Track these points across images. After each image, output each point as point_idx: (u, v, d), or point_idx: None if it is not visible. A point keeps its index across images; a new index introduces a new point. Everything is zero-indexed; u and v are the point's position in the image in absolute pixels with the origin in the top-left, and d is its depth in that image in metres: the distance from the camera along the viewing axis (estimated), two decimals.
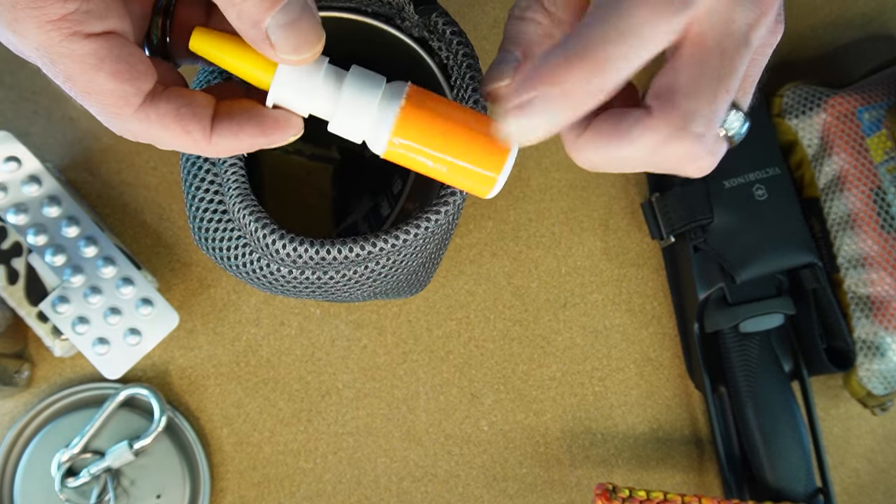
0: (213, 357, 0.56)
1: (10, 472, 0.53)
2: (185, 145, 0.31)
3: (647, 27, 0.26)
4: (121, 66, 0.29)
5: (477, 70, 0.39)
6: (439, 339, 0.58)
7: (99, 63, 0.28)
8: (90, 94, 0.29)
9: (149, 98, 0.30)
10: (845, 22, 0.63)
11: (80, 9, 0.28)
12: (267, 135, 0.31)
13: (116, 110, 0.30)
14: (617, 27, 0.26)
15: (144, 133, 0.31)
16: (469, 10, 0.60)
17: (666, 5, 0.26)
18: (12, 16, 0.27)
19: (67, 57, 0.28)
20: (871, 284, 0.54)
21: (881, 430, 0.60)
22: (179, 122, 0.30)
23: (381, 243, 0.36)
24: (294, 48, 0.28)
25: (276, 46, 0.28)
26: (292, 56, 0.28)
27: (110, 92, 0.29)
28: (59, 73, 0.29)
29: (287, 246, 0.36)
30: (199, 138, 0.31)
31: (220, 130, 0.31)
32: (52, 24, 0.27)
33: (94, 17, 0.28)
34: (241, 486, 0.56)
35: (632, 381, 0.59)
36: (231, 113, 0.31)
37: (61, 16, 0.27)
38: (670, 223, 0.56)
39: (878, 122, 0.55)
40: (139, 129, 0.30)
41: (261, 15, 0.28)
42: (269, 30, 0.28)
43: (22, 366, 0.54)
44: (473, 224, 0.59)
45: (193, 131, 0.30)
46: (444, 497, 0.57)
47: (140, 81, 0.29)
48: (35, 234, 0.51)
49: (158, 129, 0.30)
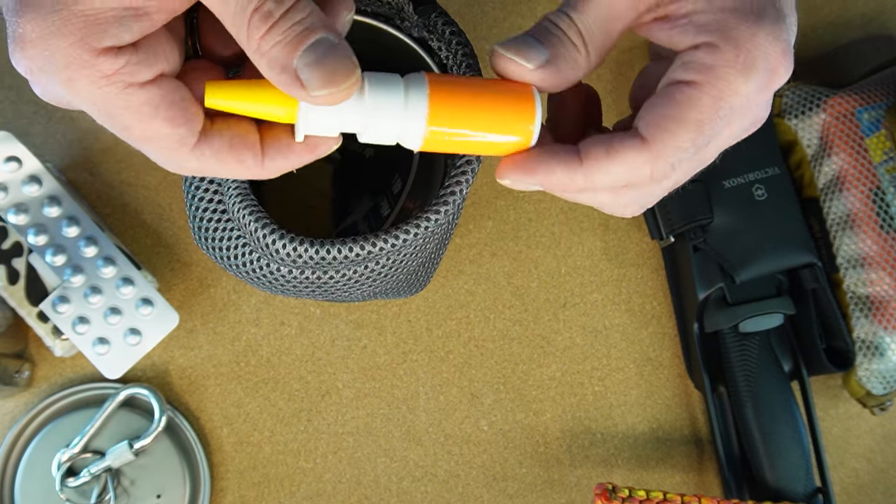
0: (213, 357, 0.56)
1: (11, 471, 0.53)
2: (240, 173, 0.32)
3: None
4: (174, 111, 0.29)
5: (476, 70, 0.39)
6: (439, 339, 0.58)
7: (154, 111, 0.29)
8: (148, 141, 0.30)
9: (202, 136, 0.31)
10: (845, 22, 0.63)
11: (130, 61, 0.28)
12: (314, 150, 0.32)
13: (174, 153, 0.30)
14: (615, 174, 0.32)
15: (200, 168, 0.31)
16: (469, 10, 0.60)
17: None
18: (65, 76, 0.28)
19: (124, 109, 0.29)
20: (870, 284, 0.54)
21: (880, 430, 0.61)
22: (233, 154, 0.31)
23: (381, 243, 0.37)
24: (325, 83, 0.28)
25: (308, 85, 0.28)
26: (324, 92, 0.28)
27: (167, 136, 0.30)
28: (115, 124, 0.30)
29: (287, 246, 0.36)
30: (252, 165, 0.31)
31: (271, 154, 0.32)
32: (106, 79, 0.28)
33: (144, 65, 0.29)
34: (241, 486, 0.56)
35: (631, 381, 0.59)
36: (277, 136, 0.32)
37: (114, 70, 0.28)
38: (670, 223, 0.56)
39: (878, 123, 0.55)
40: (195, 165, 0.31)
41: (288, 57, 0.28)
42: (298, 70, 0.28)
43: (22, 366, 0.54)
44: (473, 224, 0.59)
45: (246, 160, 0.31)
46: (444, 497, 0.57)
47: (193, 122, 0.30)
48: (35, 234, 0.51)
49: (214, 163, 0.31)
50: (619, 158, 0.31)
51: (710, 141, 0.32)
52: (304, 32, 0.28)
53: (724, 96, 0.31)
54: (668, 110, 0.31)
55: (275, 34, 0.28)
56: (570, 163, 0.32)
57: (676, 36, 0.31)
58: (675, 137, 0.31)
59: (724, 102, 0.31)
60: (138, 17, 0.28)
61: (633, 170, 0.31)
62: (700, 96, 0.31)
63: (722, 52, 0.30)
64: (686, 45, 0.31)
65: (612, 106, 0.59)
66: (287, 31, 0.28)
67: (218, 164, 0.31)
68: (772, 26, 0.30)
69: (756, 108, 0.32)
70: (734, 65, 0.30)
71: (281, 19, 0.28)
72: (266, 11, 0.27)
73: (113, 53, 0.28)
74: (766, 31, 0.30)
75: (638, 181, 0.32)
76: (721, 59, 0.30)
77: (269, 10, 0.27)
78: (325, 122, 0.31)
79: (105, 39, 0.28)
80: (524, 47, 0.31)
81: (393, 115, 0.31)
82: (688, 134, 0.31)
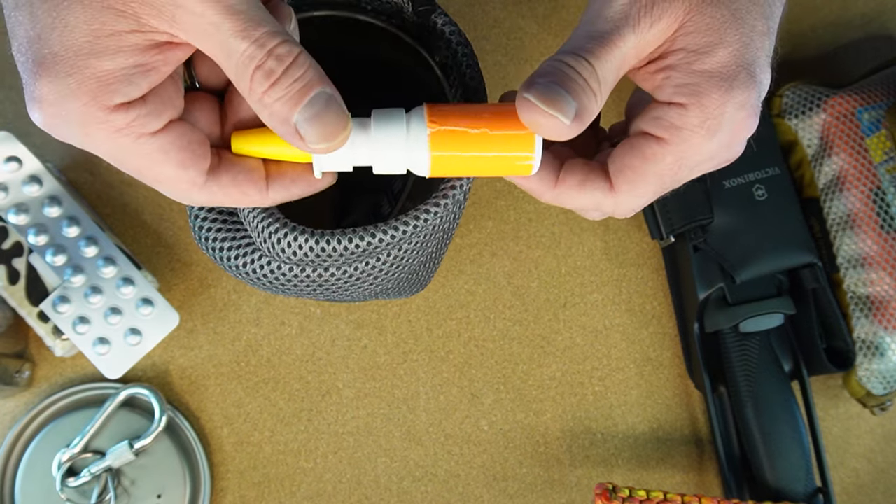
0: (214, 357, 0.56)
1: (11, 471, 0.53)
2: (245, 203, 0.35)
3: None
4: (184, 154, 0.32)
5: (476, 70, 0.39)
6: (439, 338, 0.58)
7: (165, 157, 0.31)
8: (160, 182, 0.33)
9: (211, 173, 0.33)
10: (845, 22, 0.63)
11: (140, 113, 0.30)
12: (314, 184, 0.35)
13: (184, 192, 0.33)
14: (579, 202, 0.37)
15: (209, 201, 0.34)
16: (469, 10, 0.60)
17: None
18: (82, 130, 0.30)
19: (137, 156, 0.31)
20: (870, 284, 0.54)
21: (880, 430, 0.61)
22: (238, 188, 0.34)
23: (382, 234, 0.37)
24: (321, 138, 0.30)
25: (306, 138, 0.30)
26: (321, 145, 0.31)
27: (178, 178, 0.32)
28: (129, 168, 0.32)
29: (288, 234, 0.36)
30: (257, 198, 0.34)
31: (275, 187, 0.34)
32: (119, 132, 0.30)
33: (153, 116, 0.31)
34: (241, 486, 0.56)
35: (632, 381, 0.59)
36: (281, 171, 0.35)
37: (126, 124, 0.30)
38: (670, 223, 0.56)
39: (878, 123, 0.55)
40: (204, 199, 0.34)
41: (288, 112, 0.30)
42: (297, 125, 0.30)
43: (23, 366, 0.54)
44: (473, 224, 0.59)
45: (251, 193, 0.34)
46: (444, 497, 0.57)
47: (201, 163, 0.32)
48: (36, 234, 0.51)
49: (221, 197, 0.34)
50: (588, 194, 0.35)
51: (671, 185, 0.35)
52: (303, 89, 0.30)
53: (687, 155, 0.33)
54: (634, 161, 0.34)
55: (277, 91, 0.29)
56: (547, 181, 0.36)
57: (657, 89, 0.34)
58: (637, 188, 0.35)
59: (686, 161, 0.34)
60: (146, 72, 0.30)
61: (598, 204, 0.36)
62: (664, 154, 0.33)
63: (690, 115, 0.33)
64: (662, 99, 0.33)
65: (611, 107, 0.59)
66: (288, 87, 0.30)
67: (225, 198, 0.34)
68: (742, 93, 0.32)
69: (720, 157, 0.35)
70: (699, 129, 0.33)
71: (282, 77, 0.29)
72: (268, 70, 0.29)
73: (124, 109, 0.30)
74: (735, 100, 0.32)
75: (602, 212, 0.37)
76: (688, 121, 0.33)
77: (270, 69, 0.29)
78: (339, 159, 0.34)
79: (116, 97, 0.30)
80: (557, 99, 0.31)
81: (397, 148, 0.33)
82: (648, 186, 0.34)
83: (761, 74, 0.33)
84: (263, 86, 0.29)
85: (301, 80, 0.30)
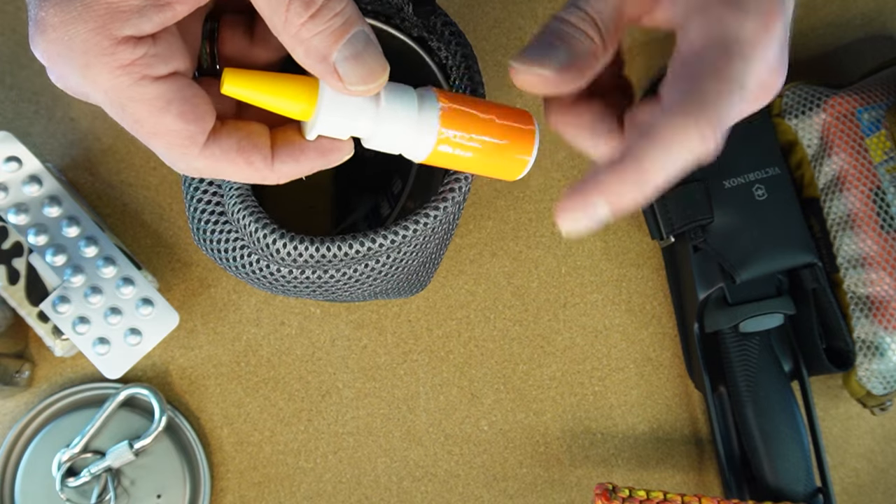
0: (214, 357, 0.56)
1: (11, 471, 0.53)
2: (249, 176, 0.32)
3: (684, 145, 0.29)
4: (186, 106, 0.30)
5: (475, 70, 0.39)
6: (439, 338, 0.58)
7: (166, 105, 0.29)
8: (157, 136, 0.30)
9: (212, 135, 0.31)
10: (845, 22, 0.63)
11: (148, 52, 0.28)
12: (326, 156, 0.32)
13: (183, 150, 0.30)
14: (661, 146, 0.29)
15: (210, 169, 0.31)
16: (469, 11, 0.60)
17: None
18: (84, 61, 0.28)
19: (137, 101, 0.29)
20: (870, 284, 0.54)
21: (880, 430, 0.61)
22: (242, 155, 0.31)
23: (381, 239, 0.37)
24: (362, 79, 0.29)
25: (345, 79, 0.28)
26: (360, 87, 0.29)
27: (177, 133, 0.30)
28: (126, 116, 0.30)
29: (287, 245, 0.36)
30: (262, 167, 0.31)
31: (281, 157, 0.32)
32: (123, 69, 0.28)
33: (160, 59, 0.29)
34: (241, 486, 0.56)
35: (631, 381, 0.59)
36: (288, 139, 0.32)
37: (131, 61, 0.28)
38: (670, 223, 0.56)
39: (878, 123, 0.55)
40: (204, 165, 0.31)
41: (328, 49, 0.28)
42: (336, 63, 0.28)
43: (23, 366, 0.54)
44: (473, 224, 0.59)
45: (256, 162, 0.31)
46: (444, 497, 0.57)
47: (204, 121, 0.30)
48: (36, 234, 0.51)
49: (223, 163, 0.31)
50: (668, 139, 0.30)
51: None
52: (344, 25, 0.28)
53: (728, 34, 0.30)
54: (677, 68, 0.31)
55: (316, 24, 0.28)
56: None
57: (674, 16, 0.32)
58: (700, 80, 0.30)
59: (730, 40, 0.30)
60: (160, 7, 0.28)
61: None
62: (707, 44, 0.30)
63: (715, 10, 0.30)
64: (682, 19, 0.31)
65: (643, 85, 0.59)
66: (329, 21, 0.28)
67: (227, 165, 0.31)
68: None
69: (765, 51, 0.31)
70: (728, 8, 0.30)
71: (322, 8, 0.28)
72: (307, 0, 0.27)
73: (132, 43, 0.28)
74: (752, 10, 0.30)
75: None
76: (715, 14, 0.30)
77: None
78: (339, 123, 0.31)
79: (125, 28, 0.28)
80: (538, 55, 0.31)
81: (406, 126, 0.32)
82: None
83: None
84: (302, 17, 0.28)
85: (342, 15, 0.28)
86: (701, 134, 0.29)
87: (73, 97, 0.31)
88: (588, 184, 0.30)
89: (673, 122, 0.29)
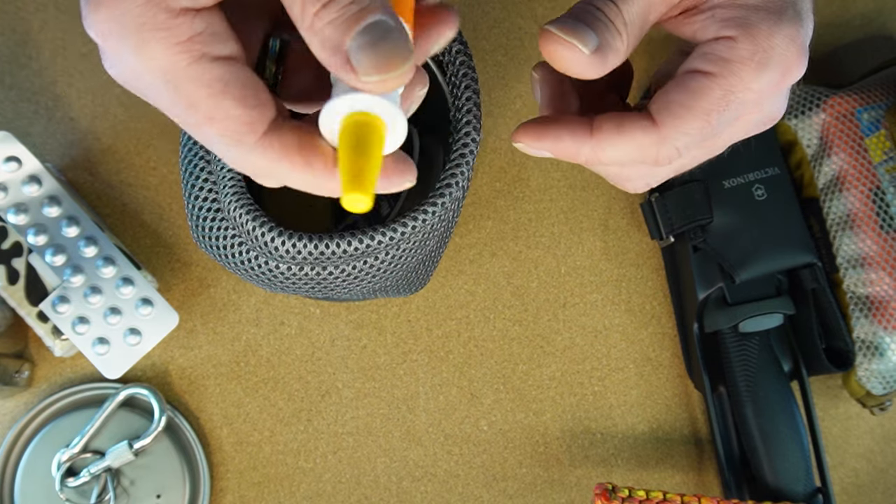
0: (213, 357, 0.56)
1: (11, 471, 0.53)
2: (304, 180, 0.30)
3: None
4: (247, 91, 0.28)
5: (471, 69, 0.39)
6: (439, 338, 0.58)
7: (225, 88, 0.27)
8: (214, 121, 0.28)
9: (272, 127, 0.29)
10: (845, 22, 0.63)
11: (206, 30, 0.27)
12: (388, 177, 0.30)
13: (240, 137, 0.28)
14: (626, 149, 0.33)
15: (263, 164, 0.29)
16: (469, 11, 0.60)
17: None
18: (139, 38, 0.26)
19: (194, 81, 0.27)
20: (870, 284, 0.54)
21: (880, 430, 0.61)
22: (302, 154, 0.29)
23: (380, 236, 0.37)
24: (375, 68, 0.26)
25: (358, 70, 0.26)
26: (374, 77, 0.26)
27: (236, 118, 0.28)
28: (181, 99, 0.28)
29: (286, 243, 0.36)
30: (321, 172, 0.29)
31: None
32: (181, 45, 0.27)
33: (219, 39, 0.27)
34: (241, 486, 0.56)
35: (631, 381, 0.59)
36: None
37: (189, 37, 0.27)
38: (670, 223, 0.56)
39: (878, 123, 0.55)
40: (260, 159, 0.29)
41: (340, 37, 0.26)
42: (349, 52, 0.26)
43: (22, 366, 0.54)
44: (473, 224, 0.59)
45: (316, 165, 0.29)
46: (444, 497, 0.57)
47: (265, 108, 0.28)
48: (35, 234, 0.51)
49: (281, 160, 0.29)
50: (628, 136, 0.32)
51: (717, 132, 0.33)
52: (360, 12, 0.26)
53: (735, 90, 0.31)
54: (680, 96, 0.32)
55: (330, 11, 0.26)
56: (580, 134, 0.33)
57: (699, 30, 0.32)
58: (683, 123, 0.32)
59: (734, 96, 0.32)
60: None
61: (640, 149, 0.32)
62: (711, 87, 0.31)
63: (739, 47, 0.31)
64: (707, 38, 0.32)
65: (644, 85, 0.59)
66: (343, 9, 0.26)
67: (285, 163, 0.29)
68: (790, 27, 0.31)
69: (767, 105, 0.33)
70: (749, 61, 0.31)
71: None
72: None
73: (190, 16, 0.26)
74: (784, 32, 0.31)
75: (644, 160, 0.33)
76: (737, 53, 0.31)
77: None
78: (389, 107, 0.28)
79: None
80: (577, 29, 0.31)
81: None
82: (695, 122, 0.32)
83: (806, 15, 0.32)
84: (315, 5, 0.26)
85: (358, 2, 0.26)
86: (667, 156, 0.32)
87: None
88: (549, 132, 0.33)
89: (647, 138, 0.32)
